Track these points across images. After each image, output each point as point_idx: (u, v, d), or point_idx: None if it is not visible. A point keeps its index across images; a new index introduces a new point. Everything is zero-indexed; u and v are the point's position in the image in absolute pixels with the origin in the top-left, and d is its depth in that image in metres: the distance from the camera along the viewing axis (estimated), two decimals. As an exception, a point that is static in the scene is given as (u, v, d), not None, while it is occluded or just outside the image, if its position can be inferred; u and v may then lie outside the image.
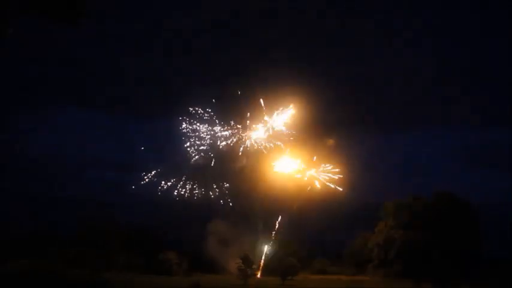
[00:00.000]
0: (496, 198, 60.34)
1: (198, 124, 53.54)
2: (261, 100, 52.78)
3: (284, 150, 54.08)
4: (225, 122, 53.79)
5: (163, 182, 52.46)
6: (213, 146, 54.02)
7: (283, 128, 53.69)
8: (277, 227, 54.68)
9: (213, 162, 53.85)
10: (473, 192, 56.63)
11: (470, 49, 79.48)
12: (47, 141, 66.05)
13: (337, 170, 53.08)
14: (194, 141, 53.69)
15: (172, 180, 52.80)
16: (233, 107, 53.91)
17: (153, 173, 52.40)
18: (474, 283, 45.13)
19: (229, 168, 54.48)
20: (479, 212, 52.20)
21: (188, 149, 53.53)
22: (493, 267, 48.30)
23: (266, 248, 53.82)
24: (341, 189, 52.63)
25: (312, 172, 53.86)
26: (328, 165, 53.23)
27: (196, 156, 53.67)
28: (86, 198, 59.26)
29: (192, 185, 53.22)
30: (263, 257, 53.54)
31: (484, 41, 77.61)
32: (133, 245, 50.66)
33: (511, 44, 76.18)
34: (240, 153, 53.76)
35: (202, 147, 53.93)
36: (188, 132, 53.54)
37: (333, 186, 52.84)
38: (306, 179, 53.98)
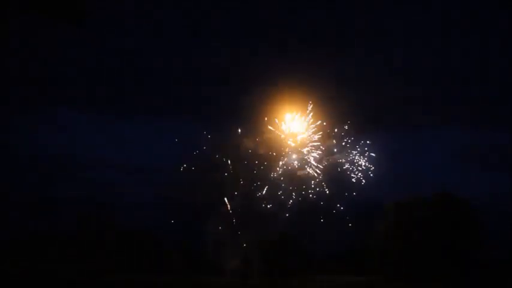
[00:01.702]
0: (496, 198, 60.23)
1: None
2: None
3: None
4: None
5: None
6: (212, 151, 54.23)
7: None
8: (277, 226, 54.70)
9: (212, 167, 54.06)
10: (473, 193, 56.38)
11: (470, 48, 79.38)
12: (47, 141, 66.04)
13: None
14: (193, 144, 53.84)
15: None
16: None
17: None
18: (474, 283, 45.16)
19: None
20: (479, 211, 52.18)
21: (186, 152, 53.73)
22: (493, 267, 48.31)
23: (266, 248, 53.78)
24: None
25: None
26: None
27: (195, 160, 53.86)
28: (86, 198, 59.21)
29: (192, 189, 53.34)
30: (262, 257, 53.49)
31: (484, 41, 77.53)
32: (133, 245, 50.69)
33: (511, 43, 76.13)
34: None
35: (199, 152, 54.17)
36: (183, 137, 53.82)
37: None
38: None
